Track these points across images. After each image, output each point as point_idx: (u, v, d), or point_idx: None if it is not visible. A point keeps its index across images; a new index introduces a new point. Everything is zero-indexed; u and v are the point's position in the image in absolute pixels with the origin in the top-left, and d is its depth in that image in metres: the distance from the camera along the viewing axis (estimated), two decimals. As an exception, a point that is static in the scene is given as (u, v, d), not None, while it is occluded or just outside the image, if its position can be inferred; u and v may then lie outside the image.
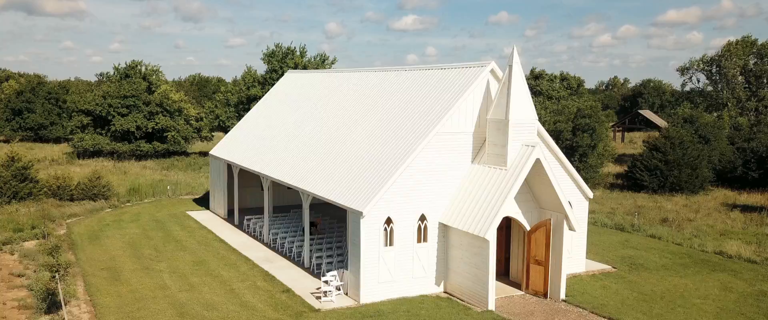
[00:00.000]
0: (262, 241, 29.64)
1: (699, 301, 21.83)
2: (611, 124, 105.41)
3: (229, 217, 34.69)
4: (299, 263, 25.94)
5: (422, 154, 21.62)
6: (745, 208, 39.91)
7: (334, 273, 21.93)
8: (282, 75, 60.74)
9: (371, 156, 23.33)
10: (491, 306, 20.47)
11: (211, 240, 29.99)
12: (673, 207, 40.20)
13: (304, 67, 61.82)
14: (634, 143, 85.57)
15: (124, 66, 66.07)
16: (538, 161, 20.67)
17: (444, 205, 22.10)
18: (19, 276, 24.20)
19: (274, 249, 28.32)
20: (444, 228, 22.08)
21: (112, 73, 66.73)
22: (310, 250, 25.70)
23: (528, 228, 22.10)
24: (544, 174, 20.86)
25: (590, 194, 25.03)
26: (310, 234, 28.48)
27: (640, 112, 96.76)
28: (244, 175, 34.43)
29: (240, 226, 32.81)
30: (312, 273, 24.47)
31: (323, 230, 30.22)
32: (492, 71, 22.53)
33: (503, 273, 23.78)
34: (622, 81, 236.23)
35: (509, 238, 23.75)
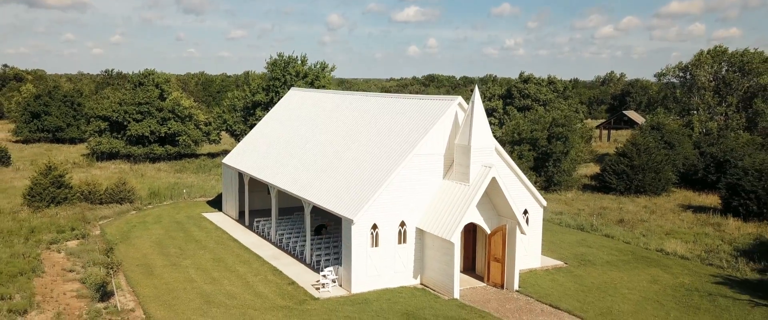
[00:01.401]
0: (270, 241, 34.66)
1: (626, 291, 26.85)
2: (597, 123, 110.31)
3: (241, 219, 39.72)
4: (302, 260, 30.97)
5: (402, 172, 26.59)
6: (697, 209, 44.91)
7: (331, 268, 26.98)
8: (284, 82, 65.85)
9: (361, 171, 28.31)
10: (456, 295, 25.50)
11: (226, 240, 35.03)
12: (634, 209, 45.17)
13: (305, 75, 66.72)
14: (618, 142, 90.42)
15: (138, 74, 70.99)
16: (493, 179, 25.65)
17: (420, 214, 27.11)
18: (69, 271, 29.23)
19: (280, 247, 33.34)
20: (420, 233, 27.09)
21: (115, 69, 71.58)
22: (311, 249, 30.72)
23: (488, 231, 27.12)
24: (499, 189, 25.85)
25: (544, 202, 30.02)
26: (320, 234, 33.53)
27: (625, 112, 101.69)
28: (253, 181, 39.39)
29: (250, 227, 37.83)
30: (312, 269, 29.49)
31: (330, 232, 35.04)
32: (459, 104, 27.49)
33: (470, 269, 28.83)
34: (618, 76, 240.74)
35: (475, 240, 28.76)
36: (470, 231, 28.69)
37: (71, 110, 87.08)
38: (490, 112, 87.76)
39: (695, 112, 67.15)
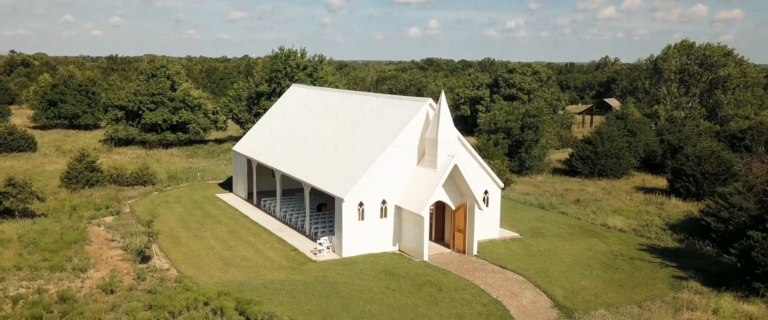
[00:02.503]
0: (275, 217, 41.01)
1: (564, 256, 33.23)
2: (581, 109, 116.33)
3: (250, 199, 46.04)
4: (302, 232, 37.33)
5: (384, 160, 32.84)
6: (648, 191, 51.26)
7: (326, 238, 33.36)
8: (286, 74, 71.93)
9: (351, 158, 34.58)
10: (426, 258, 31.88)
11: (238, 216, 41.37)
12: (594, 190, 51.51)
13: (305, 67, 72.73)
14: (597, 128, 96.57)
15: (151, 66, 77.00)
16: (456, 166, 31.93)
17: (398, 193, 33.41)
18: (111, 240, 35.59)
19: (284, 222, 39.70)
20: (398, 209, 33.41)
21: (113, 54, 77.41)
22: (310, 223, 37.08)
23: (453, 208, 33.45)
24: (460, 174, 32.14)
25: (501, 184, 36.35)
26: (321, 211, 39.83)
27: (606, 99, 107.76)
28: (260, 166, 45.62)
29: (258, 206, 44.16)
30: (311, 239, 35.85)
31: (330, 210, 41.22)
32: (430, 104, 33.69)
33: (440, 238, 35.23)
34: (612, 61, 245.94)
35: (444, 215, 35.10)
36: (440, 208, 35.02)
37: (86, 98, 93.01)
38: (477, 100, 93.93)
39: (662, 102, 73.21)
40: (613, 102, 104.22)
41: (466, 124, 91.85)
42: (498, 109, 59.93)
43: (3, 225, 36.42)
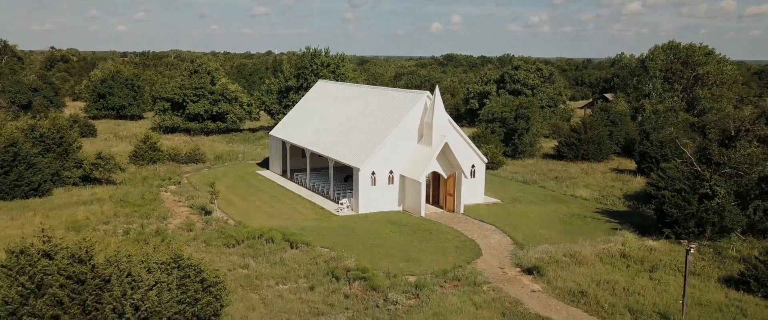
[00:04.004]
0: (305, 187, 50.72)
1: (532, 215, 42.45)
2: (584, 103, 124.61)
3: (284, 174, 55.81)
4: (328, 197, 46.98)
5: (391, 138, 42.30)
6: (621, 171, 60.15)
7: (346, 199, 43.00)
8: (312, 70, 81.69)
9: (365, 138, 44.12)
10: (423, 214, 41.35)
11: (275, 186, 51.16)
12: (575, 171, 60.46)
13: (328, 64, 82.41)
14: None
15: (193, 64, 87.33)
16: (446, 144, 41.34)
17: (402, 165, 42.88)
18: (178, 201, 45.55)
19: (313, 191, 49.39)
20: (402, 177, 42.89)
21: (137, 49, 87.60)
22: (334, 190, 46.72)
23: (445, 177, 42.87)
24: (450, 150, 41.56)
25: (485, 159, 45.69)
26: (348, 181, 49.36)
27: (605, 95, 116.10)
28: (292, 147, 55.29)
29: (291, 179, 53.91)
30: (334, 201, 45.47)
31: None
32: (428, 96, 43.14)
33: (435, 202, 44.68)
34: (628, 57, 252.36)
35: (439, 184, 44.53)
36: (436, 178, 44.44)
37: (131, 92, 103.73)
38: (485, 95, 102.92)
39: (648, 97, 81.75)
40: (610, 96, 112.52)
41: (474, 116, 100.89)
42: (495, 102, 69.09)
43: (95, 189, 46.68)
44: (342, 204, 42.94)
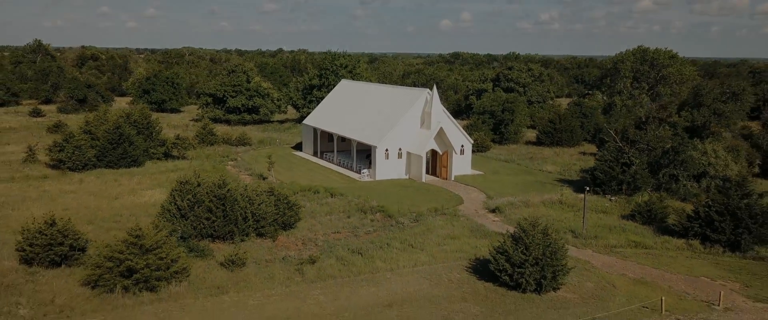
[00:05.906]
0: (333, 163, 65.30)
1: (505, 182, 56.77)
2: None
3: (315, 154, 70.43)
4: (351, 169, 61.51)
5: (399, 125, 56.81)
6: (586, 154, 74.39)
7: (366, 169, 57.63)
8: (332, 70, 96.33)
9: (380, 124, 58.62)
10: (423, 181, 55.85)
11: (309, 162, 65.75)
12: (548, 154, 74.66)
13: (345, 65, 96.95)
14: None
15: (229, 65, 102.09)
16: (441, 128, 55.83)
17: (409, 143, 57.38)
18: (239, 171, 60.15)
19: (340, 165, 63.94)
20: (408, 153, 57.40)
21: (148, 46, 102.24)
22: (356, 165, 61.25)
23: (441, 153, 57.37)
24: (444, 133, 56.05)
25: (471, 141, 60.18)
26: (369, 159, 63.87)
27: (589, 92, 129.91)
28: (322, 133, 69.77)
29: (321, 158, 68.49)
30: (357, 173, 59.96)
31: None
32: (428, 92, 57.63)
33: (434, 172, 59.19)
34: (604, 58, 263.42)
35: (436, 158, 59.01)
36: (434, 154, 58.92)
37: (171, 88, 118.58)
38: (482, 92, 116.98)
39: (620, 94, 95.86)
40: (597, 93, 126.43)
41: (472, 110, 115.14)
42: (487, 98, 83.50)
43: (175, 163, 61.55)
44: (362, 173, 57.52)
